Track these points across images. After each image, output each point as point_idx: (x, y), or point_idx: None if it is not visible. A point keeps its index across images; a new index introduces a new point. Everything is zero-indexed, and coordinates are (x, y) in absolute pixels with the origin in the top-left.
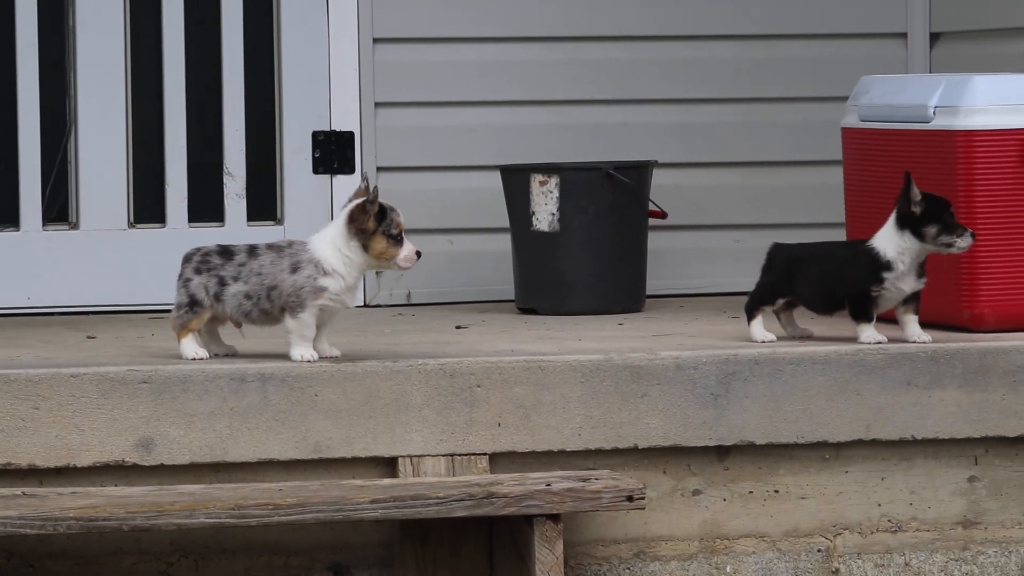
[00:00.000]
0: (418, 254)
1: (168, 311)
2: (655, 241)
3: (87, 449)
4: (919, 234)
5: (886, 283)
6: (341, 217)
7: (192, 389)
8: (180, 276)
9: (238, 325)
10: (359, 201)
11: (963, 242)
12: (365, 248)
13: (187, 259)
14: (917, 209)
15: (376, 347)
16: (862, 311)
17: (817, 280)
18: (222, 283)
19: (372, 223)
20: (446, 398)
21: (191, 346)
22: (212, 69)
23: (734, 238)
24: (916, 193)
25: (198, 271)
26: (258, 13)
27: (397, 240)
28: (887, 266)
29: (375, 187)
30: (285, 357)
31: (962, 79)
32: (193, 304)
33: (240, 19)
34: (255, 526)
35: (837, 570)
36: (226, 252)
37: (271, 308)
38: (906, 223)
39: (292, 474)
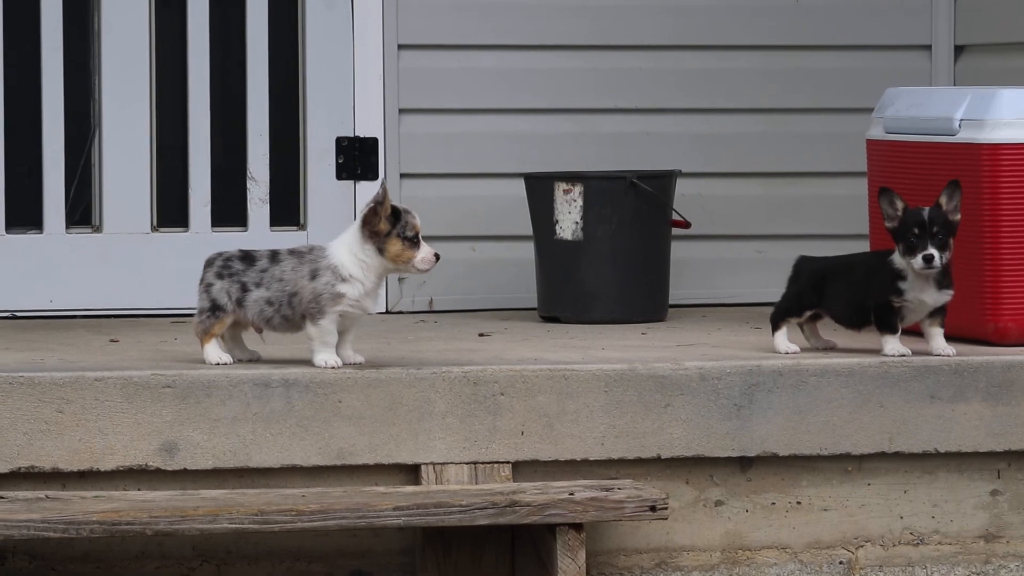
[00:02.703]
0: (436, 256)
1: (190, 316)
2: (678, 250)
3: (111, 453)
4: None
5: (906, 294)
6: (356, 221)
7: (216, 394)
8: (201, 281)
9: (259, 331)
10: (372, 205)
11: (916, 263)
12: (381, 251)
13: (209, 264)
14: (890, 224)
15: (400, 354)
16: (886, 322)
17: (845, 293)
18: (244, 289)
19: (385, 225)
20: (469, 406)
21: (215, 351)
22: (237, 74)
23: (756, 248)
24: (897, 207)
25: (220, 276)
26: (283, 18)
27: (413, 242)
28: (901, 276)
29: (382, 188)
30: (309, 363)
31: (988, 92)
32: (215, 309)
33: (265, 24)
34: (278, 532)
35: None
36: (248, 257)
37: (292, 315)
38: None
39: (315, 480)
